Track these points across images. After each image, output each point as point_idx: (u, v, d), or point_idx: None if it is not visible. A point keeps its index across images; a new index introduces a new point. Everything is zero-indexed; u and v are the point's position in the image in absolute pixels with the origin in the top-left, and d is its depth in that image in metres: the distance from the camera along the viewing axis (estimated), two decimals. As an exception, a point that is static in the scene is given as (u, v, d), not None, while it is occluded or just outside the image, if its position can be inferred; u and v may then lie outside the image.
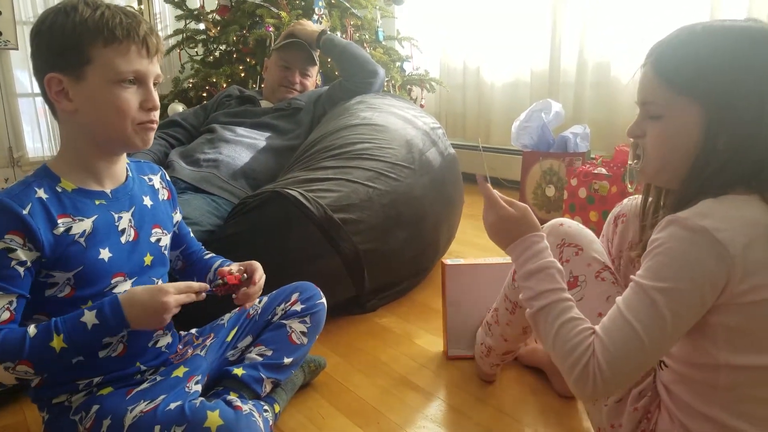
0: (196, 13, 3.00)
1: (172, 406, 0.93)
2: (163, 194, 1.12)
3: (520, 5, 3.24)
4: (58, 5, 0.92)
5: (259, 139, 2.00)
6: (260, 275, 1.07)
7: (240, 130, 2.00)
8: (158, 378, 1.02)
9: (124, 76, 0.91)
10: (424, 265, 1.94)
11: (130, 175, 1.04)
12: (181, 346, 1.13)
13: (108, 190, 0.99)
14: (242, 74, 2.71)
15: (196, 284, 0.94)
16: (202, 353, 1.12)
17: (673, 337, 0.75)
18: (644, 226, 0.93)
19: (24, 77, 3.67)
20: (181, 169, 1.80)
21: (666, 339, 0.75)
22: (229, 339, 1.18)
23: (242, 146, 1.94)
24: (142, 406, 0.94)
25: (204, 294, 0.95)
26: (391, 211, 1.65)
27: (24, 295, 0.89)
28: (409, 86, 3.10)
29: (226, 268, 1.05)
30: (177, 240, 1.17)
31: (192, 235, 1.22)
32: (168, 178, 1.16)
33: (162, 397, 0.97)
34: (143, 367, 1.02)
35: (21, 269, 0.87)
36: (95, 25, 0.89)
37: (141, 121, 0.95)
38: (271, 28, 2.54)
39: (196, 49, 3.08)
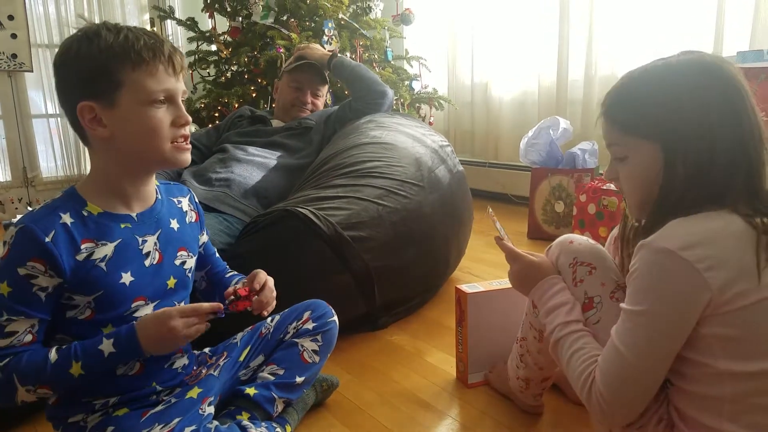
0: (208, 34, 3.06)
1: (187, 430, 0.94)
2: (191, 216, 1.12)
3: (527, 24, 3.27)
4: (77, 33, 0.92)
5: (270, 158, 2.03)
6: (263, 278, 1.06)
7: (251, 149, 2.03)
8: (173, 400, 1.02)
9: (155, 97, 0.92)
10: (435, 281, 1.94)
11: (159, 197, 1.04)
12: (195, 367, 1.13)
13: (134, 214, 0.99)
14: (253, 95, 2.75)
15: (205, 305, 0.93)
16: (216, 373, 1.12)
17: (664, 354, 0.80)
18: (626, 255, 0.98)
19: (38, 98, 3.74)
20: (194, 189, 1.82)
21: (655, 358, 0.79)
22: (241, 358, 1.18)
23: (254, 165, 1.96)
24: (157, 430, 0.94)
25: (222, 314, 0.95)
26: (400, 229, 1.66)
27: (45, 319, 0.90)
28: (417, 104, 3.13)
29: (230, 289, 1.04)
30: (203, 261, 1.17)
31: (218, 255, 1.22)
32: (197, 200, 1.16)
33: (176, 420, 0.97)
34: (159, 388, 1.02)
35: (42, 294, 0.88)
36: (121, 48, 0.89)
37: (175, 137, 0.95)
38: (281, 50, 2.58)
39: (208, 70, 3.13)
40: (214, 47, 3.08)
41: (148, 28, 3.68)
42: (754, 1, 2.31)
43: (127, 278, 0.96)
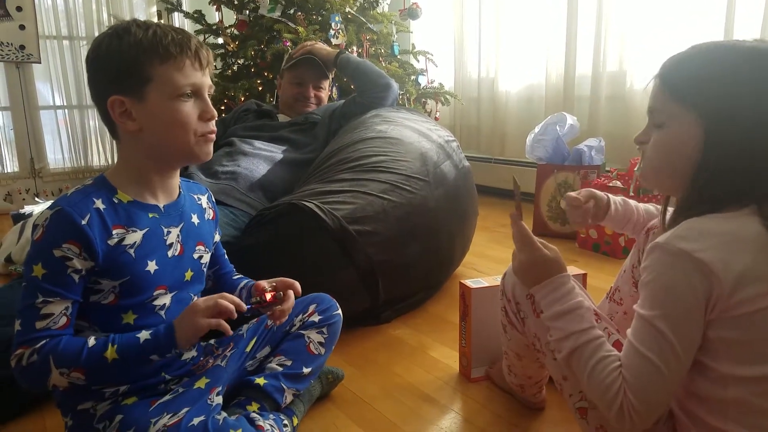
0: (215, 27, 3.06)
1: (196, 421, 0.95)
2: (209, 214, 1.15)
3: (534, 19, 3.26)
4: (108, 30, 0.94)
5: (276, 152, 2.03)
6: (297, 290, 1.09)
7: (258, 143, 2.03)
8: (180, 389, 1.03)
9: (182, 91, 0.94)
10: (438, 277, 1.94)
11: (182, 192, 1.07)
12: (202, 357, 1.15)
13: (161, 205, 1.01)
14: (260, 88, 2.75)
15: (229, 296, 0.94)
16: (223, 363, 1.13)
17: (689, 357, 0.78)
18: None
19: (46, 90, 3.76)
20: (200, 182, 1.83)
21: (681, 361, 0.77)
22: (248, 349, 1.19)
23: (260, 159, 1.97)
24: (165, 420, 0.95)
25: (247, 313, 0.97)
26: (405, 224, 1.67)
27: (78, 300, 0.92)
28: (423, 99, 3.12)
29: (262, 284, 1.07)
30: (212, 260, 1.19)
31: (226, 256, 1.24)
32: (214, 199, 1.19)
33: (185, 410, 0.97)
34: (168, 377, 1.03)
35: (76, 276, 0.90)
36: (150, 44, 0.92)
37: (202, 132, 0.98)
38: (288, 43, 2.58)
39: (214, 64, 3.13)
40: (220, 40, 3.08)
41: (155, 20, 3.71)
42: (764, -3, 2.29)
43: (152, 266, 0.98)
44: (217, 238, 1.19)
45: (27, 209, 2.55)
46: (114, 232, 0.93)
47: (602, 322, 0.94)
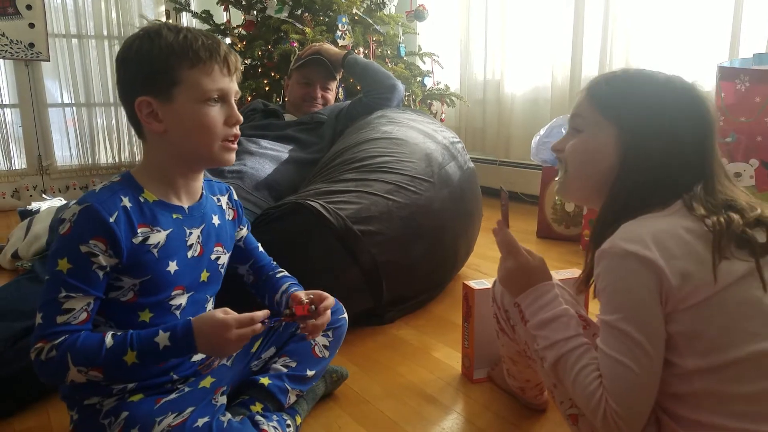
0: (222, 27, 3.07)
1: (200, 422, 0.96)
2: (229, 214, 1.15)
3: (541, 21, 3.26)
4: (139, 32, 0.96)
5: (283, 151, 2.04)
6: (328, 305, 1.07)
7: (264, 142, 2.04)
8: (186, 389, 1.04)
9: (209, 95, 0.95)
10: (442, 277, 1.95)
11: (204, 193, 1.08)
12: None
13: (185, 206, 1.02)
14: (267, 88, 2.77)
15: (259, 314, 0.95)
16: (229, 363, 1.14)
17: (658, 352, 0.79)
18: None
19: (54, 88, 3.78)
20: (206, 180, 1.84)
21: (652, 358, 0.79)
22: (254, 349, 1.20)
23: (266, 158, 1.98)
24: (170, 419, 0.95)
25: (263, 324, 0.96)
26: (409, 224, 1.67)
27: (100, 297, 0.93)
28: (429, 101, 3.13)
29: (299, 294, 1.06)
30: (244, 254, 1.20)
31: (261, 249, 1.24)
32: (236, 197, 1.19)
33: (190, 410, 0.98)
34: (175, 377, 1.04)
35: (101, 273, 0.91)
36: (180, 47, 0.93)
37: (226, 136, 0.99)
38: (295, 44, 2.60)
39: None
40: (228, 40, 3.09)
41: (164, 20, 3.73)
42: (772, 2, 2.29)
43: (172, 267, 0.99)
44: (243, 232, 1.20)
45: (34, 206, 2.57)
46: (139, 230, 0.94)
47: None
